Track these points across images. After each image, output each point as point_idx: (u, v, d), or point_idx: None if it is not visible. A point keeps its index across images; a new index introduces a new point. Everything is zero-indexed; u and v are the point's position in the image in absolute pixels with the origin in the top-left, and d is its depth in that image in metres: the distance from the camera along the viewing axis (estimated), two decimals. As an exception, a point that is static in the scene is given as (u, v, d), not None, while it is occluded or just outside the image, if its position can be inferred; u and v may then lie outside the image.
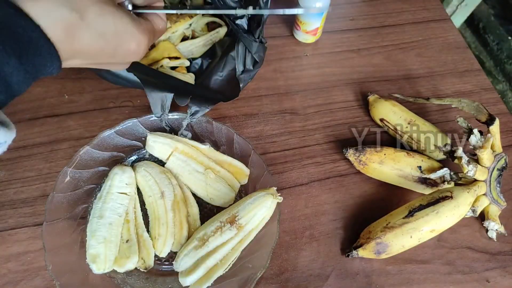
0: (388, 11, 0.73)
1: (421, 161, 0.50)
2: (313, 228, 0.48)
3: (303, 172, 0.52)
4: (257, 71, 0.52)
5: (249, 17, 0.46)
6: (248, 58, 0.51)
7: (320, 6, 0.59)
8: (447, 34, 0.71)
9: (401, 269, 0.46)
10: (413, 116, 0.54)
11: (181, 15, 0.55)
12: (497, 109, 0.61)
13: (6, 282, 0.42)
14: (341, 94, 0.61)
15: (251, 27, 0.47)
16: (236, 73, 0.51)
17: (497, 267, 0.47)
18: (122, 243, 0.42)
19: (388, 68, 0.65)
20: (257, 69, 0.52)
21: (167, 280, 0.42)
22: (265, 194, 0.41)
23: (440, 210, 0.43)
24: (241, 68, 0.51)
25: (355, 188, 0.52)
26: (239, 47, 0.50)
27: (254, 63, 0.51)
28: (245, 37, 0.47)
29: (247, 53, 0.50)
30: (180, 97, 0.47)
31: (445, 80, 0.64)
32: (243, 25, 0.47)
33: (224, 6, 0.44)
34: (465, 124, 0.47)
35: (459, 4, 1.16)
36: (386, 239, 0.43)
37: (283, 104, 0.59)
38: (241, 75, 0.51)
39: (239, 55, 0.51)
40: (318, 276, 0.45)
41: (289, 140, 0.55)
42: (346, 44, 0.67)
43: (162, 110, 0.46)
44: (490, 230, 0.48)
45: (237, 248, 0.41)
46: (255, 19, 0.47)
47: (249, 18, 0.46)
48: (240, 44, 0.50)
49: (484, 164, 0.46)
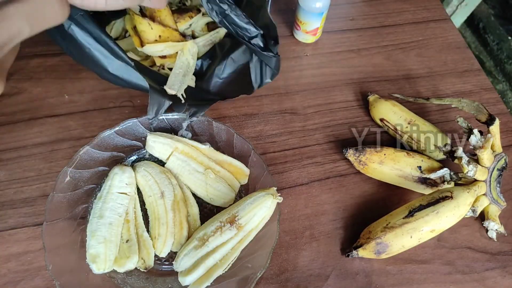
0: (388, 11, 0.73)
1: (421, 161, 0.50)
2: (313, 228, 0.48)
3: (303, 172, 0.52)
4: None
5: (263, 34, 0.47)
6: (266, 71, 0.52)
7: (320, 6, 0.60)
8: (447, 34, 0.71)
9: (401, 269, 0.46)
10: (413, 116, 0.54)
11: (181, 15, 0.55)
12: (497, 109, 0.61)
13: (6, 282, 0.42)
14: (341, 94, 0.61)
15: (268, 44, 0.48)
16: (253, 88, 0.52)
17: (497, 267, 0.47)
18: (122, 243, 0.42)
19: (388, 68, 0.65)
20: (273, 79, 0.53)
21: (167, 280, 0.42)
22: (265, 194, 0.41)
23: (440, 210, 0.43)
24: (258, 82, 0.52)
25: (355, 188, 0.52)
26: (253, 62, 0.51)
27: (272, 75, 0.52)
28: (265, 55, 0.48)
29: (263, 66, 0.51)
30: (178, 105, 0.47)
31: (445, 80, 0.64)
32: (259, 44, 0.48)
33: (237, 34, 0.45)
34: (465, 124, 0.47)
35: (459, 4, 1.16)
36: (386, 239, 0.43)
37: (283, 104, 0.59)
38: (258, 88, 0.52)
39: (255, 70, 0.52)
40: (318, 276, 0.45)
41: (289, 140, 0.55)
42: (346, 44, 0.67)
43: (155, 114, 0.47)
44: (490, 230, 0.48)
45: (236, 248, 0.41)
46: (270, 35, 0.48)
47: (263, 35, 0.47)
48: (254, 59, 0.51)
49: (484, 164, 0.46)
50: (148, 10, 0.52)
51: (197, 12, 0.57)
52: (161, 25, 0.51)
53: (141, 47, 0.52)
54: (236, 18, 0.45)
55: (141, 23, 0.51)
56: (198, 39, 0.56)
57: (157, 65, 0.54)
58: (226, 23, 0.46)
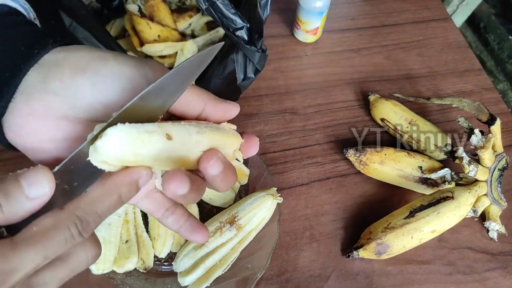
0: (388, 10, 0.73)
1: (421, 161, 0.49)
2: (313, 228, 0.48)
3: (303, 172, 0.52)
4: (257, 76, 0.52)
5: (249, 28, 0.46)
6: (250, 66, 0.51)
7: (320, 5, 0.59)
8: (448, 34, 0.71)
9: (402, 270, 0.46)
10: (414, 116, 0.53)
11: (181, 15, 0.55)
12: (498, 108, 0.61)
13: (5, 282, 0.42)
14: (341, 93, 0.61)
15: (253, 38, 0.47)
16: (237, 81, 0.51)
17: (498, 267, 0.47)
18: (122, 243, 0.42)
19: (389, 67, 0.65)
20: (257, 75, 0.52)
21: (167, 281, 0.42)
22: (265, 194, 0.41)
23: (441, 211, 0.42)
24: (241, 76, 0.51)
25: (355, 189, 0.52)
26: (238, 56, 0.50)
27: (256, 71, 0.51)
28: (248, 48, 0.47)
29: (248, 62, 0.50)
30: None
31: (446, 79, 0.64)
32: (243, 37, 0.47)
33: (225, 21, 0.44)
34: (466, 124, 0.47)
35: (460, 4, 1.16)
36: (387, 239, 0.43)
37: (283, 104, 0.58)
38: (241, 83, 0.51)
39: (239, 64, 0.50)
40: (318, 277, 0.45)
41: (289, 140, 0.55)
42: (346, 43, 0.67)
43: None
44: (491, 231, 0.48)
45: (236, 249, 0.41)
46: (256, 29, 0.47)
47: (249, 28, 0.46)
48: (239, 53, 0.50)
49: (485, 164, 0.46)
50: (147, 10, 0.52)
51: (197, 11, 0.57)
52: (160, 24, 0.51)
53: (140, 47, 0.52)
54: (223, 7, 0.44)
55: (139, 23, 0.51)
56: (197, 39, 0.56)
57: (156, 64, 0.54)
58: (212, 11, 0.45)
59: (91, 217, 0.20)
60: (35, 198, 0.19)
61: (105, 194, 0.21)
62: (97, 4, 0.55)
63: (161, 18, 0.52)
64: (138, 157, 0.20)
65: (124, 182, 0.21)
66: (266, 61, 0.50)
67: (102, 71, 0.23)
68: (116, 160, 0.20)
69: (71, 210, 0.19)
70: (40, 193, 0.19)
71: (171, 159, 0.22)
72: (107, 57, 0.23)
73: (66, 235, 0.19)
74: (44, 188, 0.19)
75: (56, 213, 0.19)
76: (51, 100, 0.22)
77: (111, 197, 0.21)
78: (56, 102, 0.22)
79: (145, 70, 0.23)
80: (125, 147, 0.19)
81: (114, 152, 0.19)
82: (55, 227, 0.19)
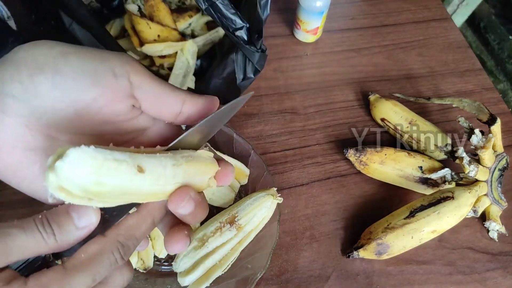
0: (388, 10, 0.73)
1: (422, 161, 0.49)
2: (313, 228, 0.48)
3: (304, 172, 0.52)
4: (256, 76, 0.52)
5: (249, 28, 0.46)
6: (249, 66, 0.51)
7: (320, 5, 0.59)
8: (448, 34, 0.71)
9: (402, 270, 0.46)
10: (414, 116, 0.53)
11: (181, 15, 0.55)
12: (498, 108, 0.61)
13: (5, 283, 0.42)
14: (341, 93, 0.61)
15: (252, 38, 0.47)
16: (237, 81, 0.51)
17: (498, 267, 0.47)
18: (121, 243, 0.41)
19: (389, 67, 0.65)
20: (256, 75, 0.52)
21: (167, 281, 0.42)
22: (265, 194, 0.41)
23: (441, 211, 0.42)
24: (241, 76, 0.51)
25: (355, 189, 0.52)
26: (238, 56, 0.50)
27: (255, 71, 0.51)
28: (247, 48, 0.47)
29: (247, 62, 0.50)
30: None
31: (446, 79, 0.64)
32: (243, 37, 0.47)
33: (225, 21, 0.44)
34: (466, 124, 0.47)
35: (460, 4, 1.16)
36: (387, 239, 0.43)
37: (283, 104, 0.58)
38: (241, 83, 0.51)
39: (239, 64, 0.50)
40: (318, 277, 0.45)
41: (289, 140, 0.55)
42: (346, 43, 0.67)
43: None
44: (491, 231, 0.48)
45: (236, 249, 0.41)
46: (255, 29, 0.47)
47: (249, 28, 0.46)
48: (239, 53, 0.50)
49: (486, 164, 0.46)
50: (146, 10, 0.52)
51: (197, 11, 0.57)
52: (159, 24, 0.51)
53: (140, 47, 0.52)
54: (222, 7, 0.44)
55: (139, 23, 0.51)
56: (197, 39, 0.56)
57: (156, 64, 0.54)
58: (212, 11, 0.45)
59: (131, 242, 0.21)
60: (84, 228, 0.20)
61: (141, 219, 0.22)
62: (97, 4, 0.55)
63: (161, 18, 0.52)
64: (103, 187, 0.18)
65: (156, 207, 0.22)
66: (265, 61, 0.50)
67: (62, 68, 0.21)
68: (77, 189, 0.17)
69: (113, 237, 0.21)
70: (88, 223, 0.20)
71: (142, 192, 0.20)
72: (68, 53, 0.21)
73: (111, 259, 0.21)
74: (91, 218, 0.20)
75: (101, 240, 0.21)
76: (11, 104, 0.20)
77: (146, 222, 0.22)
78: (16, 105, 0.20)
79: (111, 64, 0.22)
80: (88, 174, 0.17)
81: (75, 178, 0.17)
82: (101, 253, 0.20)
